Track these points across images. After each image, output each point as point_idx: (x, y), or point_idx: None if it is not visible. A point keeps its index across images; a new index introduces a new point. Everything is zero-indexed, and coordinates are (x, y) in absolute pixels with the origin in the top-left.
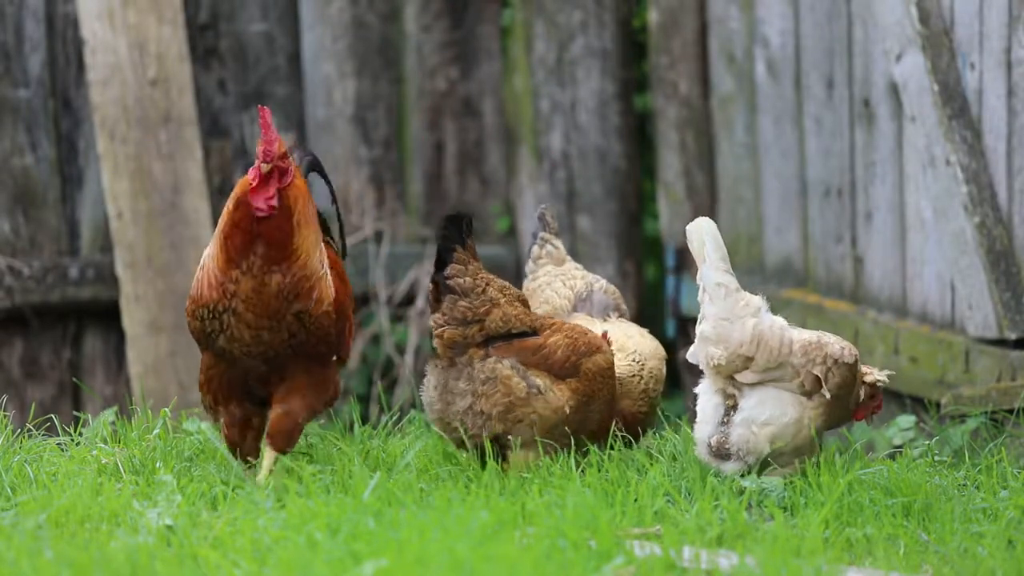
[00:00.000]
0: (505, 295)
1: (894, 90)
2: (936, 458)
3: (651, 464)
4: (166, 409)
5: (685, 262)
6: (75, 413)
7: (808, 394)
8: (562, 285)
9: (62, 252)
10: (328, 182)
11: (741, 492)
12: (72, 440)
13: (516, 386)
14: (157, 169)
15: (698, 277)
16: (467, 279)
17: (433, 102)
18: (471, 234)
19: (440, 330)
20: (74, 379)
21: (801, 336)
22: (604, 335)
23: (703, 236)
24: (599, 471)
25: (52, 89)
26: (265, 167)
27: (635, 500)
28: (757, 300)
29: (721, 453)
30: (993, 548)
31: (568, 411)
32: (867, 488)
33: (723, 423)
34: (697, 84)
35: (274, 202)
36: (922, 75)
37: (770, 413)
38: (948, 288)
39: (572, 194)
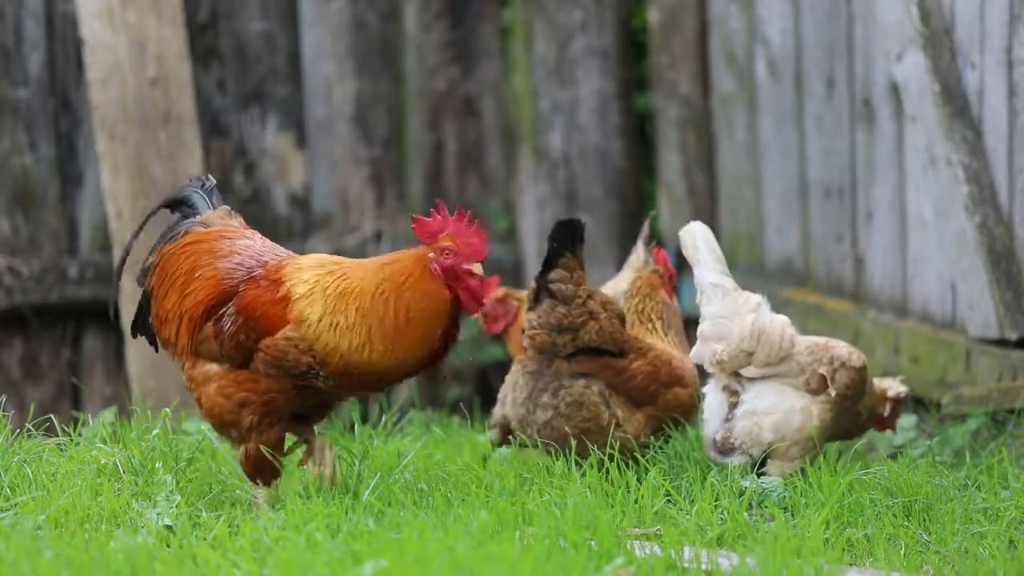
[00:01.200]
0: (606, 310)
1: (895, 90)
2: (937, 458)
3: (651, 464)
4: (167, 409)
5: (686, 262)
6: (74, 413)
7: (814, 392)
8: (615, 284)
9: (61, 252)
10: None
11: (741, 492)
12: (71, 440)
13: (600, 414)
14: (157, 169)
15: (695, 280)
16: (569, 287)
17: (433, 102)
18: (582, 241)
19: (532, 332)
20: (73, 379)
21: (808, 339)
22: None
23: (696, 239)
24: (599, 471)
25: (51, 89)
26: (478, 267)
27: (635, 500)
28: (756, 297)
29: (725, 448)
30: (994, 548)
31: (639, 439)
32: (868, 488)
33: (727, 419)
34: (697, 84)
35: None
36: (923, 75)
37: (771, 402)
38: (949, 288)
39: (572, 194)
